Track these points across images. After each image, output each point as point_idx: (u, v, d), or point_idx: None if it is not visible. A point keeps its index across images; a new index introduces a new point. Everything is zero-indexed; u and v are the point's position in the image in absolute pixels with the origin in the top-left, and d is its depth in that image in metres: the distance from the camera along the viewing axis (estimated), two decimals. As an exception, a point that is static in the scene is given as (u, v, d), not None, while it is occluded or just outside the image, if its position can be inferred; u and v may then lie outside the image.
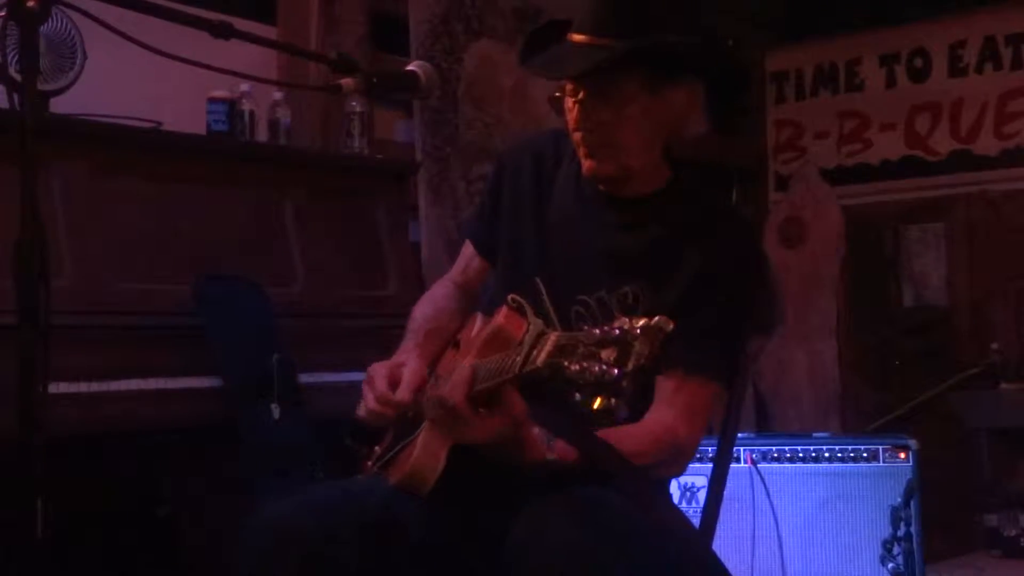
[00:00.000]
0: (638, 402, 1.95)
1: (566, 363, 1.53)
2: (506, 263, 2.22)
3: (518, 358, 1.67)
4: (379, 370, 2.13)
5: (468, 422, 1.78)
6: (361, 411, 2.14)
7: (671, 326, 1.50)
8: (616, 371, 1.47)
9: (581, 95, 2.02)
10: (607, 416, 1.53)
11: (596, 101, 2.00)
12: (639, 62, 1.97)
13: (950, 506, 4.52)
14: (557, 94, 2.08)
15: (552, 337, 1.62)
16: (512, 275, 2.17)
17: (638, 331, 1.49)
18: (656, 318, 1.50)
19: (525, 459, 1.81)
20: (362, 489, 2.06)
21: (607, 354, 1.49)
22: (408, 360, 2.14)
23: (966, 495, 4.83)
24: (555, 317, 1.69)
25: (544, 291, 1.83)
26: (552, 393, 1.66)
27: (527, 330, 1.76)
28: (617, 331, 1.50)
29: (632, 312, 1.54)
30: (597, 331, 1.52)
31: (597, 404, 1.50)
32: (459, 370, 1.83)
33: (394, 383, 2.09)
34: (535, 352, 1.63)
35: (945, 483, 4.36)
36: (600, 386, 1.49)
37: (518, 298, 1.83)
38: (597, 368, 1.49)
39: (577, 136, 2.06)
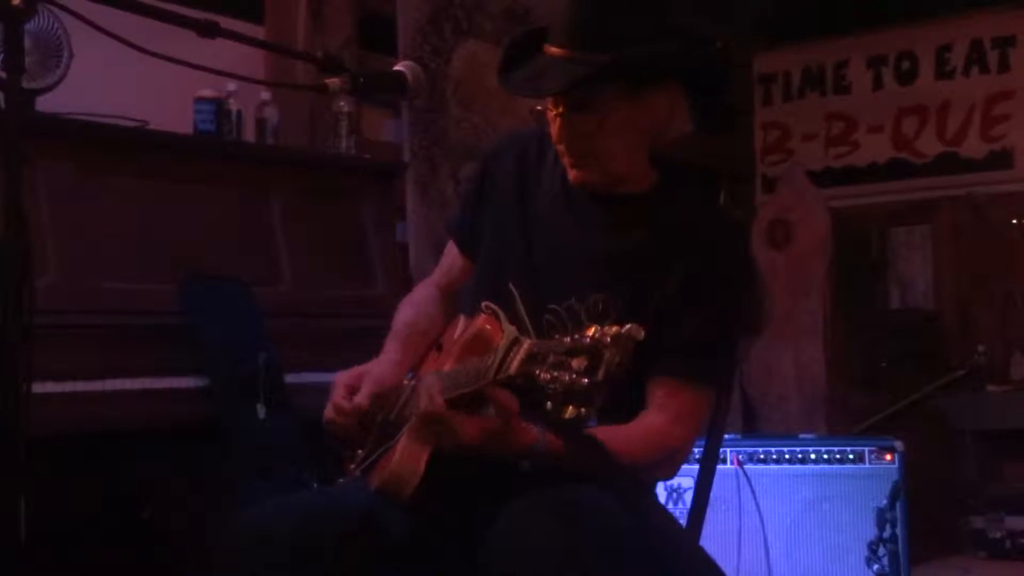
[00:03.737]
0: (621, 409, 1.94)
1: (537, 371, 1.53)
2: (489, 263, 2.21)
3: (492, 364, 1.67)
4: (341, 379, 2.16)
5: (453, 428, 1.79)
6: (324, 422, 2.15)
7: (642, 334, 1.49)
8: (585, 380, 1.47)
9: (562, 108, 2.01)
10: (577, 424, 1.52)
11: (578, 113, 2.00)
12: (618, 72, 1.97)
13: (935, 508, 4.54)
14: (539, 107, 2.08)
15: (526, 344, 1.61)
16: (495, 276, 2.17)
17: (608, 340, 1.48)
18: (627, 326, 1.49)
19: (513, 448, 1.80)
20: (342, 493, 2.06)
21: (577, 363, 1.49)
22: (372, 368, 2.15)
23: (952, 497, 4.85)
24: (529, 324, 1.69)
25: (518, 297, 1.83)
26: (527, 401, 1.66)
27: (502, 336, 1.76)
28: (588, 340, 1.50)
29: (602, 321, 1.53)
30: (568, 339, 1.52)
31: (568, 413, 1.49)
32: (427, 384, 1.84)
33: (354, 392, 2.10)
34: (509, 359, 1.63)
35: (931, 485, 4.38)
36: (570, 395, 1.49)
37: (492, 305, 1.82)
38: (567, 377, 1.49)
39: (561, 148, 2.06)
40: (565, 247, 2.09)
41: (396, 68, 2.13)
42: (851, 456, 3.52)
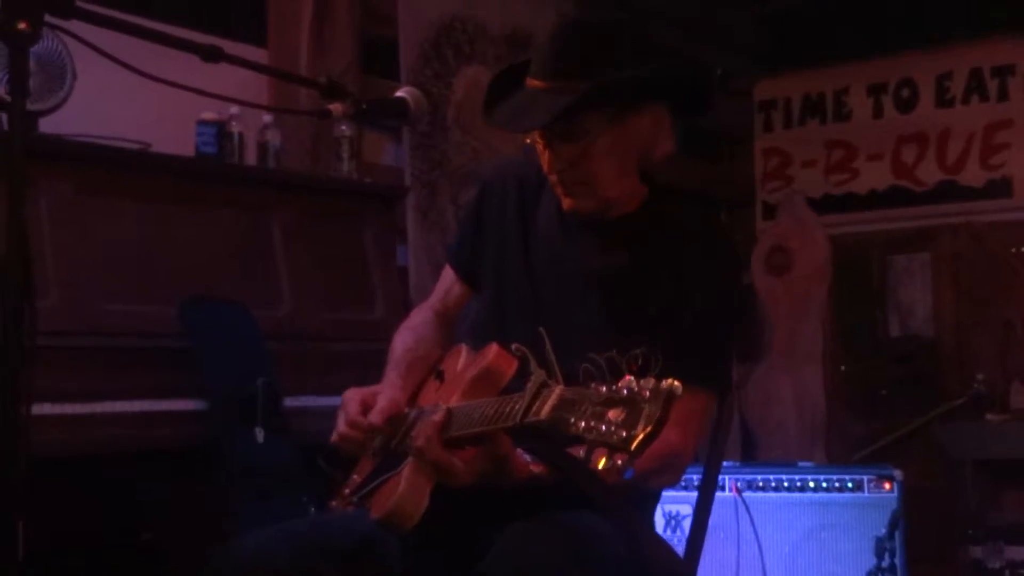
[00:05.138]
0: None
1: (572, 419, 1.51)
2: (491, 291, 2.22)
3: (518, 406, 1.65)
4: (353, 395, 2.15)
5: (449, 470, 1.79)
6: (334, 436, 2.14)
7: (680, 390, 1.47)
8: (624, 433, 1.44)
9: (549, 139, 2.03)
10: (611, 475, 1.49)
11: (565, 143, 2.02)
12: (599, 98, 1.98)
13: (935, 537, 4.52)
14: (528, 141, 2.09)
15: (557, 390, 1.59)
16: (498, 304, 2.17)
17: (647, 393, 1.46)
18: (665, 381, 1.47)
19: (509, 480, 1.81)
20: (340, 521, 2.06)
21: (614, 414, 1.47)
22: (384, 389, 2.14)
23: (951, 526, 4.83)
24: (558, 369, 1.67)
25: (547, 341, 1.81)
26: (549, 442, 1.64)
27: (517, 373, 1.74)
28: (625, 391, 1.48)
29: (642, 374, 1.51)
30: (604, 389, 1.50)
31: (601, 464, 1.47)
32: (429, 420, 1.82)
33: (367, 409, 2.09)
34: (538, 403, 1.61)
35: (930, 514, 4.37)
36: (606, 447, 1.46)
37: (522, 348, 1.81)
38: (604, 428, 1.46)
39: (553, 178, 2.07)
40: (564, 275, 2.10)
41: (398, 94, 2.14)
42: (850, 485, 3.51)
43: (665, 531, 3.38)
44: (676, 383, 1.47)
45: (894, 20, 5.80)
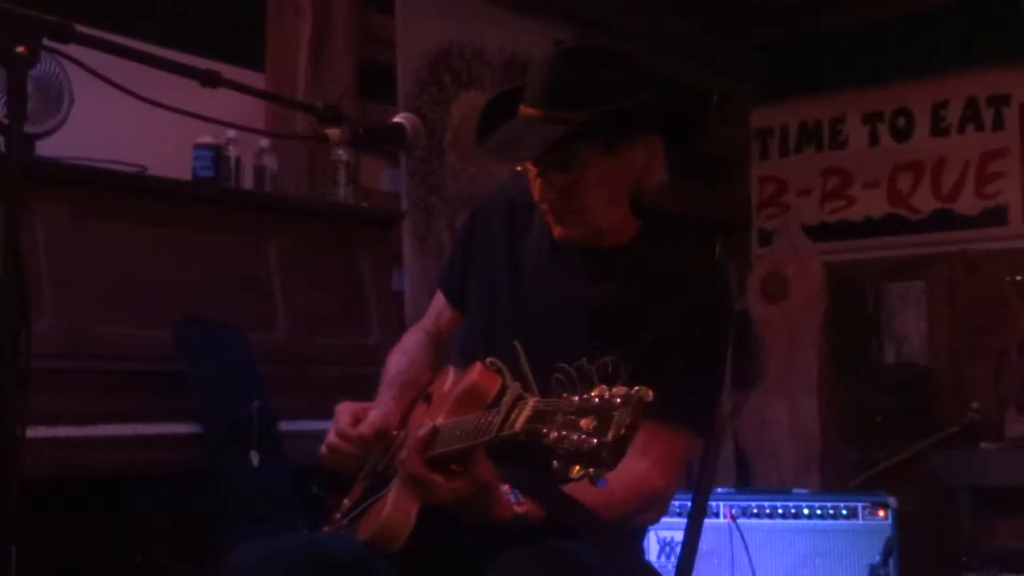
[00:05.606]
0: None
1: (544, 430, 1.52)
2: (479, 313, 2.22)
3: (495, 420, 1.67)
4: (345, 408, 2.16)
5: (429, 486, 1.78)
6: (322, 447, 2.14)
7: (651, 396, 1.48)
8: (595, 441, 1.46)
9: (540, 168, 2.03)
10: (585, 485, 1.50)
11: (557, 172, 2.02)
12: (593, 129, 1.98)
13: (929, 565, 4.51)
14: (519, 168, 2.10)
15: (531, 402, 1.61)
16: (485, 326, 2.18)
17: (618, 400, 1.47)
18: (636, 388, 1.49)
19: (493, 517, 1.81)
20: (330, 542, 2.06)
21: (586, 423, 1.48)
22: (377, 405, 2.15)
23: (945, 554, 4.82)
24: (533, 381, 1.68)
25: (523, 354, 1.82)
26: (527, 454, 1.65)
27: (501, 390, 1.75)
28: (597, 400, 1.49)
29: (611, 381, 1.52)
30: (576, 399, 1.52)
31: (575, 473, 1.48)
32: (413, 435, 1.83)
33: (358, 421, 2.10)
34: (513, 416, 1.63)
35: (924, 541, 4.36)
36: (579, 455, 1.48)
37: (496, 361, 1.82)
38: (576, 437, 1.48)
39: (544, 207, 2.08)
40: (552, 298, 2.10)
41: (395, 120, 2.14)
42: (845, 512, 3.51)
43: (659, 557, 3.38)
44: (648, 390, 1.48)
45: (890, 49, 5.84)
